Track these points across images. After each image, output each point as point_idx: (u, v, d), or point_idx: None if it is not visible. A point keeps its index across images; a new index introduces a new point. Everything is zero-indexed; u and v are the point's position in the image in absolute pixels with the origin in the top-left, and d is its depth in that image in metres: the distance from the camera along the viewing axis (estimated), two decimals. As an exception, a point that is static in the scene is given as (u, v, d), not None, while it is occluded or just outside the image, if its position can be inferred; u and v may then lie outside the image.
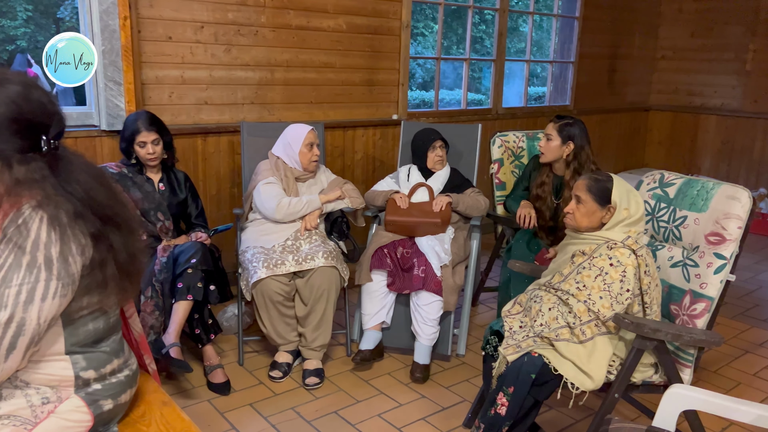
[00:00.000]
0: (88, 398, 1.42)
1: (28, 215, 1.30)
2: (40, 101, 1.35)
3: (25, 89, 1.34)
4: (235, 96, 3.60)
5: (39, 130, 1.34)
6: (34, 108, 1.33)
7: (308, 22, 3.76)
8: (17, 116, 1.31)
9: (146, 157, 2.71)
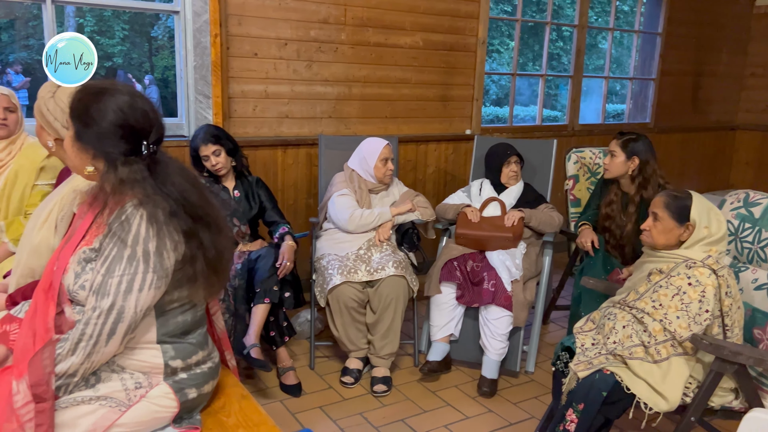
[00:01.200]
0: (175, 386, 1.53)
1: (130, 212, 1.42)
2: (144, 110, 1.48)
3: (131, 99, 1.48)
4: (314, 110, 3.74)
5: (141, 136, 1.47)
6: (138, 116, 1.47)
7: (386, 39, 3.87)
8: (123, 123, 1.45)
9: (212, 169, 2.85)
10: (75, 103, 1.48)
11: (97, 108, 1.45)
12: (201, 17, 3.21)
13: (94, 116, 1.44)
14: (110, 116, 1.44)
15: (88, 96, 1.47)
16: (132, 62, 14.47)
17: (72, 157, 1.52)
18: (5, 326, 1.60)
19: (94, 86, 1.49)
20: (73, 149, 1.50)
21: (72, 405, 1.42)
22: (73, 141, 1.49)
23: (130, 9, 3.35)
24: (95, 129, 1.45)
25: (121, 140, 1.45)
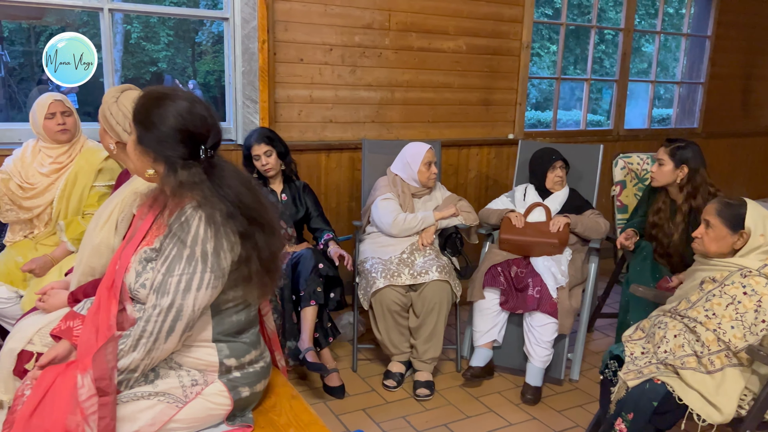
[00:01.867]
0: (229, 384, 1.57)
1: (189, 214, 1.47)
2: (202, 115, 1.53)
3: (191, 105, 1.52)
4: (357, 114, 3.77)
5: (199, 141, 1.52)
6: (196, 121, 1.51)
7: (429, 43, 3.88)
8: (182, 128, 1.49)
9: (262, 169, 2.91)
10: (137, 108, 1.53)
11: (158, 113, 1.50)
12: (249, 24, 3.28)
13: (155, 121, 1.49)
14: (170, 121, 1.49)
15: (150, 101, 1.52)
16: (175, 67, 14.81)
17: (134, 160, 1.57)
18: (69, 322, 1.67)
19: (156, 92, 1.54)
20: (135, 152, 1.56)
21: (132, 400, 1.47)
22: (135, 144, 1.55)
23: (182, 16, 3.42)
24: (156, 133, 1.50)
25: (180, 144, 1.50)
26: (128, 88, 1.98)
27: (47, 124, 2.52)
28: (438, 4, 3.84)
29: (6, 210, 2.55)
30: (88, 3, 3.03)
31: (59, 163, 2.56)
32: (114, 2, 3.04)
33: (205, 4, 13.80)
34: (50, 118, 2.52)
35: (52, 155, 2.56)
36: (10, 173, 2.56)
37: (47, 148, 2.57)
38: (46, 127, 2.52)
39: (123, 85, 2.00)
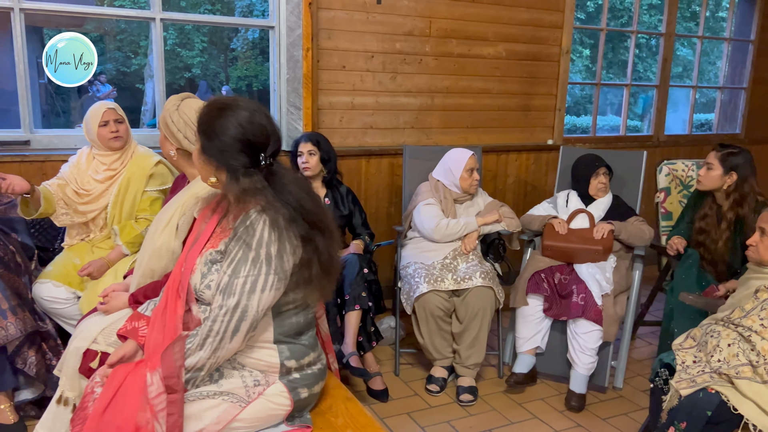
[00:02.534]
0: (289, 385, 1.61)
1: (254, 218, 1.51)
2: (261, 124, 1.57)
3: (251, 115, 1.57)
4: (397, 120, 3.80)
5: (259, 149, 1.56)
6: (256, 130, 1.56)
7: (469, 50, 3.90)
8: (243, 137, 1.54)
9: (301, 167, 2.95)
10: (201, 119, 1.59)
11: (220, 124, 1.55)
12: (294, 32, 3.34)
13: (218, 132, 1.54)
14: (231, 132, 1.54)
15: (213, 112, 1.57)
16: (208, 73, 15.08)
17: (199, 167, 1.63)
18: (134, 323, 1.72)
19: (219, 103, 1.58)
20: (199, 161, 1.61)
21: (198, 398, 1.51)
22: (199, 154, 1.60)
23: (230, 25, 3.50)
24: (218, 143, 1.54)
25: (241, 153, 1.54)
26: (187, 97, 2.04)
27: (101, 131, 2.60)
28: (478, 11, 3.86)
29: (61, 214, 2.63)
30: (142, 14, 3.12)
31: (113, 169, 2.64)
32: (165, 12, 3.12)
33: (241, 11, 14.01)
34: (104, 126, 2.60)
35: (105, 162, 2.64)
36: (67, 179, 2.64)
37: (101, 155, 2.65)
38: (100, 134, 2.60)
39: (182, 93, 2.06)
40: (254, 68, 15.31)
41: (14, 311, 2.24)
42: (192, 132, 1.97)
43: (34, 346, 2.36)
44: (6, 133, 2.96)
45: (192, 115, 1.97)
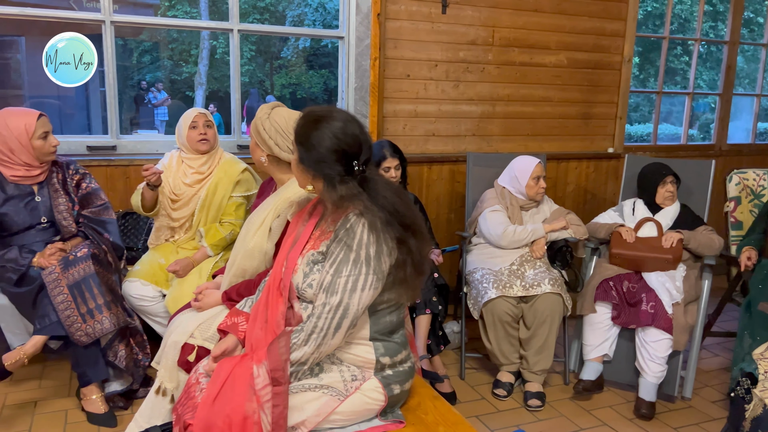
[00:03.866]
0: (383, 381, 1.67)
1: (353, 221, 1.59)
2: (354, 134, 1.64)
3: (344, 125, 1.64)
4: (459, 128, 3.86)
5: (352, 157, 1.63)
6: (349, 140, 1.63)
7: (531, 58, 3.93)
8: (337, 148, 1.62)
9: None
10: (298, 131, 1.66)
11: (316, 135, 1.62)
12: (363, 42, 3.43)
13: (314, 143, 1.62)
14: (326, 143, 1.61)
15: (309, 124, 1.65)
16: (253, 80, 15.41)
17: (297, 176, 1.71)
18: (234, 319, 1.82)
19: (314, 114, 1.66)
20: (297, 170, 1.69)
21: (300, 391, 1.59)
22: (297, 163, 1.67)
23: (302, 35, 3.61)
24: (314, 154, 1.62)
25: (336, 163, 1.62)
26: (277, 105, 2.14)
27: (190, 133, 2.74)
28: (540, 20, 3.89)
29: (161, 215, 2.78)
30: (221, 25, 3.26)
31: (200, 173, 2.77)
32: (242, 24, 3.25)
33: (292, 21, 14.29)
34: (193, 128, 2.74)
35: (193, 166, 2.77)
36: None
37: (189, 158, 2.79)
38: (189, 137, 2.74)
39: (272, 102, 2.16)
40: (299, 76, 15.59)
41: (108, 306, 2.37)
42: (282, 139, 2.07)
43: (124, 340, 2.48)
44: (96, 139, 3.13)
45: (282, 122, 2.06)
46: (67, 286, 2.34)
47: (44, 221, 2.52)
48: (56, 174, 2.57)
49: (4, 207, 2.45)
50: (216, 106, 12.67)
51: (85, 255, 2.40)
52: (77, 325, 2.33)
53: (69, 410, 2.55)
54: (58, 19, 3.04)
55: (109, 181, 3.07)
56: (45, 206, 2.52)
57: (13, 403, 2.60)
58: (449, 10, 3.65)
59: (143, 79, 13.75)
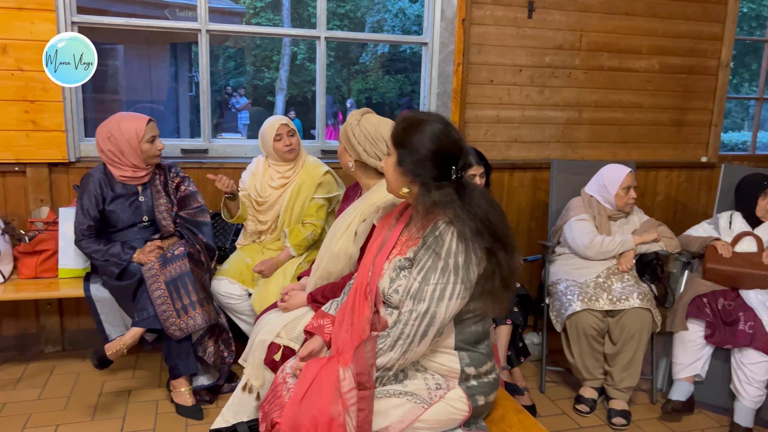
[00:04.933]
0: (468, 391, 1.65)
1: (443, 229, 1.58)
2: (454, 138, 1.64)
3: (445, 128, 1.64)
4: (543, 134, 3.77)
5: (450, 162, 1.62)
6: (450, 144, 1.62)
7: (621, 63, 3.80)
8: (438, 150, 1.61)
9: None
10: (398, 133, 1.66)
11: (418, 138, 1.61)
12: (447, 48, 3.43)
13: (416, 145, 1.61)
14: (428, 145, 1.61)
15: (410, 127, 1.64)
16: (331, 86, 15.71)
17: (392, 179, 1.70)
18: (320, 320, 1.85)
19: (415, 118, 1.66)
20: (394, 173, 1.67)
21: (385, 396, 1.60)
22: (395, 166, 1.66)
23: (387, 41, 3.66)
24: (415, 156, 1.61)
25: (435, 167, 1.61)
26: (367, 112, 2.16)
27: (276, 145, 2.82)
28: (632, 24, 3.75)
29: (249, 218, 2.89)
30: (309, 33, 3.34)
31: (286, 177, 2.85)
32: (329, 32, 3.32)
33: (371, 27, 14.49)
34: (278, 140, 2.82)
35: (280, 171, 2.86)
36: (248, 188, 2.89)
37: (275, 164, 2.88)
38: (275, 148, 2.82)
39: (362, 108, 2.19)
40: (375, 82, 15.76)
41: (201, 304, 2.48)
42: (370, 145, 2.09)
43: (213, 337, 2.58)
44: (189, 143, 3.28)
45: (371, 129, 2.08)
46: (164, 282, 2.46)
47: (145, 220, 2.67)
48: (159, 176, 2.72)
49: (111, 204, 2.61)
50: (295, 112, 13.00)
51: (181, 253, 2.52)
52: (172, 319, 2.44)
53: (160, 401, 2.68)
54: (157, 28, 3.22)
55: (200, 183, 3.20)
56: (147, 206, 2.66)
57: (110, 390, 2.76)
58: (535, 14, 3.58)
59: (227, 85, 14.31)
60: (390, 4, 14.87)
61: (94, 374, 2.89)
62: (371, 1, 15.26)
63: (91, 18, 2.99)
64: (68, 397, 2.68)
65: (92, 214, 2.57)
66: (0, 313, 3.08)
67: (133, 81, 9.76)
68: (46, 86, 2.87)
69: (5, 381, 2.82)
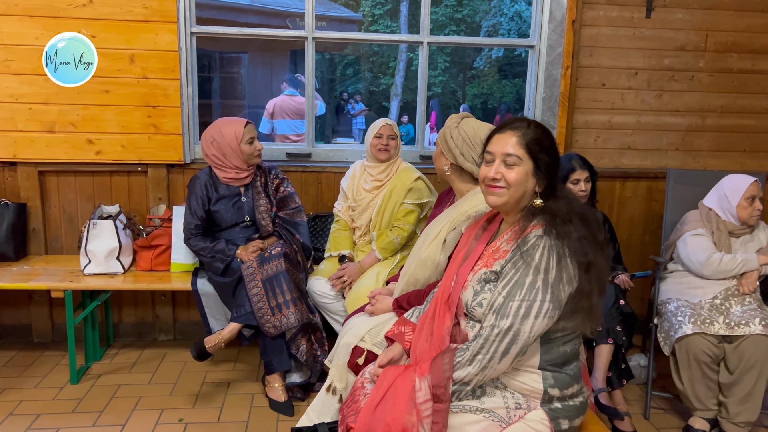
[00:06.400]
0: (550, 413, 1.56)
1: (533, 242, 1.50)
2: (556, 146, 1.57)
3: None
4: (660, 142, 3.52)
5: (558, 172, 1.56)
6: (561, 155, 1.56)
7: (753, 65, 3.45)
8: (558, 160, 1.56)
9: (578, 195, 2.84)
10: (538, 140, 1.58)
11: (552, 145, 1.58)
12: (555, 50, 3.29)
13: (554, 153, 1.58)
14: (556, 153, 1.58)
15: (546, 134, 1.60)
16: (446, 91, 15.67)
17: (522, 190, 1.58)
18: (401, 328, 1.83)
19: (545, 125, 1.62)
20: (528, 182, 1.58)
21: (461, 411, 1.55)
22: (531, 175, 1.57)
23: (492, 45, 3.58)
24: (553, 165, 1.57)
25: (556, 176, 1.58)
26: (467, 116, 2.13)
27: (374, 141, 2.88)
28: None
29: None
30: (411, 38, 3.35)
31: (379, 180, 2.88)
32: (432, 36, 3.31)
33: (487, 31, 14.31)
34: (378, 138, 2.86)
35: (373, 173, 2.89)
36: (345, 192, 2.95)
37: (370, 166, 2.91)
38: (371, 143, 2.88)
39: (462, 113, 2.16)
40: (491, 86, 15.52)
41: (295, 303, 2.55)
42: (468, 148, 2.05)
43: (306, 335, 2.65)
44: (293, 147, 3.40)
45: (470, 132, 2.05)
46: (261, 281, 2.56)
47: (247, 220, 2.80)
48: (260, 178, 2.84)
49: (216, 205, 2.76)
50: (409, 117, 13.13)
51: (278, 253, 2.61)
52: (267, 317, 2.53)
53: (255, 394, 2.79)
54: (268, 36, 3.37)
55: (303, 186, 3.31)
56: (249, 206, 2.79)
57: (211, 381, 2.92)
58: (654, 14, 3.34)
59: (345, 91, 14.73)
60: (506, 7, 14.61)
61: (199, 364, 3.07)
62: (488, 5, 15.07)
63: (207, 28, 3.19)
64: (174, 384, 2.87)
65: (199, 214, 2.74)
66: (122, 302, 3.36)
67: (256, 87, 10.32)
68: (167, 93, 3.10)
69: (123, 364, 3.07)
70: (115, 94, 3.07)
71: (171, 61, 3.07)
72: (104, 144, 3.12)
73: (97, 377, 2.91)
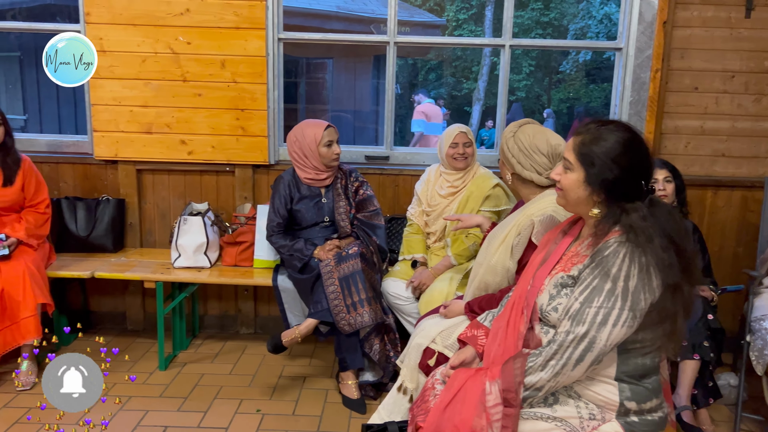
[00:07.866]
0: (626, 427, 1.51)
1: (614, 248, 1.45)
2: (645, 148, 1.52)
3: (634, 137, 1.53)
4: (758, 149, 3.31)
5: (641, 177, 1.50)
6: (640, 156, 1.50)
7: None
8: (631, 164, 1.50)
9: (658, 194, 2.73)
10: (586, 146, 1.53)
11: (609, 151, 1.49)
12: (643, 53, 3.17)
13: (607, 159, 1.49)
14: (621, 159, 1.48)
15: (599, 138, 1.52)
16: (531, 95, 15.36)
17: (576, 199, 1.56)
18: (474, 331, 1.83)
19: (600, 127, 1.54)
20: (581, 192, 1.54)
21: (532, 418, 1.52)
22: (583, 185, 1.53)
23: (576, 48, 3.49)
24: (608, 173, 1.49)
25: (628, 183, 1.49)
26: (526, 123, 2.09)
27: (449, 150, 2.85)
28: None
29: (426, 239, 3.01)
30: (493, 41, 3.33)
31: (455, 186, 2.87)
32: (514, 39, 3.28)
33: (574, 34, 13.94)
34: (454, 147, 2.85)
35: (449, 180, 2.90)
36: (420, 197, 2.97)
37: (447, 173, 2.91)
38: (447, 152, 2.86)
39: (522, 120, 2.12)
40: (577, 90, 15.08)
41: (369, 302, 2.60)
42: (525, 157, 2.02)
43: (380, 335, 2.69)
44: (372, 150, 3.46)
45: (526, 141, 2.01)
46: (338, 279, 2.63)
47: (327, 220, 2.88)
48: (340, 180, 2.92)
49: (298, 204, 2.86)
50: (493, 122, 12.98)
51: (355, 253, 2.67)
52: (342, 314, 2.59)
53: (329, 390, 2.85)
54: (350, 41, 3.46)
55: (380, 188, 3.36)
56: (329, 207, 2.87)
57: (288, 374, 3.01)
58: (755, 13, 3.15)
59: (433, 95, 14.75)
60: (594, 10, 14.15)
61: (277, 358, 3.17)
62: (576, 8, 14.66)
63: (293, 34, 3.31)
64: (253, 376, 2.98)
65: (281, 213, 2.84)
66: (207, 295, 3.54)
67: (340, 92, 10.53)
68: (254, 96, 3.24)
69: (206, 354, 3.22)
70: (207, 98, 3.24)
71: (259, 66, 3.21)
72: (196, 145, 3.30)
73: (183, 365, 3.08)
